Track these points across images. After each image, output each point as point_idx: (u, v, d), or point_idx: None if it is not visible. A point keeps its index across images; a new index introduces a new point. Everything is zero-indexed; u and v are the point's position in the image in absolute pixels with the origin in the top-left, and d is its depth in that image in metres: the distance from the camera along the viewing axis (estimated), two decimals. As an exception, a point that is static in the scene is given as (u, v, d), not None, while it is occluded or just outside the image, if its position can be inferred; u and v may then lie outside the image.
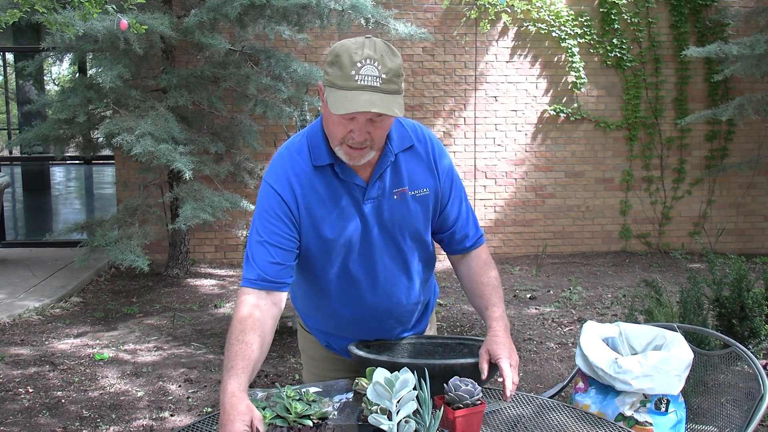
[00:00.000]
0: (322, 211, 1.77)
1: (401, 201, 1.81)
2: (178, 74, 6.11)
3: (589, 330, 2.23)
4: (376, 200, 1.79)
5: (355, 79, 1.59)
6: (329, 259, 1.82)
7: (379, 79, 1.60)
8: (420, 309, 2.02)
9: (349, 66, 1.59)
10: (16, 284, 6.26)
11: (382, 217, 1.81)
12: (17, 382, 4.10)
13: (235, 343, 1.63)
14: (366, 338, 1.96)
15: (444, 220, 1.91)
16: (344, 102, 1.59)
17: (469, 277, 1.94)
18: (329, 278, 1.85)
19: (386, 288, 1.88)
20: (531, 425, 1.71)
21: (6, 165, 10.17)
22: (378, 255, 1.84)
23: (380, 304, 1.89)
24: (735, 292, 3.58)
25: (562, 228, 7.87)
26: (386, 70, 1.60)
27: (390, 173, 1.80)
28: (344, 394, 1.78)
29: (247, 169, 6.82)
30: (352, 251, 1.82)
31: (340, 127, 1.66)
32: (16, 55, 10.09)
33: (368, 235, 1.81)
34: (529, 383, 4.11)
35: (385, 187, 1.79)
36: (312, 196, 1.76)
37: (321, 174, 1.77)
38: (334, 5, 5.86)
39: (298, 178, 1.76)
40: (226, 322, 5.33)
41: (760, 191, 8.03)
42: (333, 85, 1.62)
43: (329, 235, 1.78)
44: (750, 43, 6.32)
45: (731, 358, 2.24)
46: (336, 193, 1.77)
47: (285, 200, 1.75)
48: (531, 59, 7.66)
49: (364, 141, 1.66)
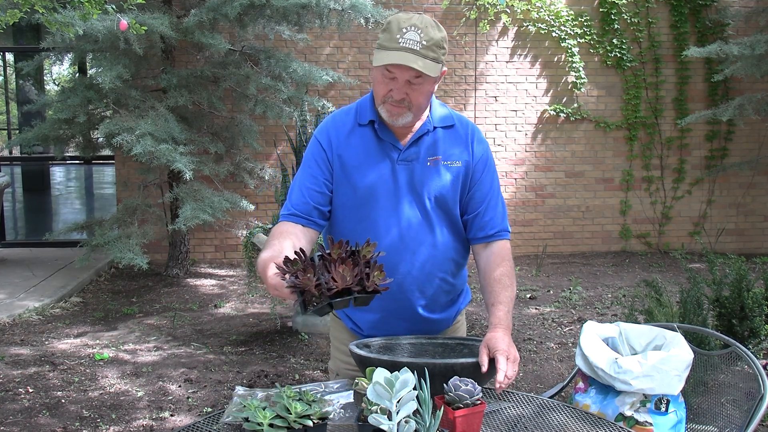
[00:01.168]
0: (355, 161, 1.93)
1: (434, 167, 1.93)
2: (178, 74, 6.11)
3: (589, 330, 2.23)
4: (410, 163, 1.92)
5: (398, 42, 1.78)
6: (358, 211, 1.94)
7: (419, 44, 1.78)
8: (447, 291, 2.03)
9: (396, 30, 1.79)
10: (16, 284, 6.26)
11: (413, 179, 1.92)
12: (17, 382, 4.10)
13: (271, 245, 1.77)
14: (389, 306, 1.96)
15: (471, 199, 1.97)
16: (383, 57, 1.79)
17: (485, 270, 1.97)
18: (358, 232, 1.92)
19: (411, 247, 1.93)
20: (531, 425, 1.71)
21: (6, 165, 10.17)
22: (405, 214, 1.92)
23: (404, 264, 1.93)
24: (735, 292, 3.58)
25: (562, 228, 7.87)
26: (428, 38, 1.79)
27: (427, 142, 1.93)
28: (344, 394, 1.78)
29: (247, 169, 6.82)
30: (381, 206, 1.92)
31: (382, 85, 1.84)
32: (16, 55, 10.09)
33: (398, 193, 1.92)
34: (529, 383, 4.11)
35: (420, 152, 1.93)
36: (349, 148, 1.94)
37: (363, 131, 1.95)
38: (334, 5, 5.86)
39: (337, 132, 1.96)
40: (226, 322, 5.34)
41: (760, 191, 8.03)
42: (380, 47, 1.82)
43: (360, 185, 1.92)
44: (750, 43, 6.33)
45: (731, 358, 2.24)
46: (373, 149, 1.93)
47: (323, 147, 1.95)
48: (531, 59, 7.66)
49: (402, 100, 1.83)
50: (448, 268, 2.00)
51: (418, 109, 1.87)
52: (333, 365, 2.21)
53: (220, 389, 4.01)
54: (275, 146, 7.26)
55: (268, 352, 4.67)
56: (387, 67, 1.80)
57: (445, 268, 2.00)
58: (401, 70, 1.79)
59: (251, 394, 1.71)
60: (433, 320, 2.03)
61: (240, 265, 7.17)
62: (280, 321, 5.19)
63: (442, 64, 1.84)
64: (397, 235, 1.92)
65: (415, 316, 2.00)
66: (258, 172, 6.86)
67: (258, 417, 1.53)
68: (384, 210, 1.92)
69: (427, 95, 1.86)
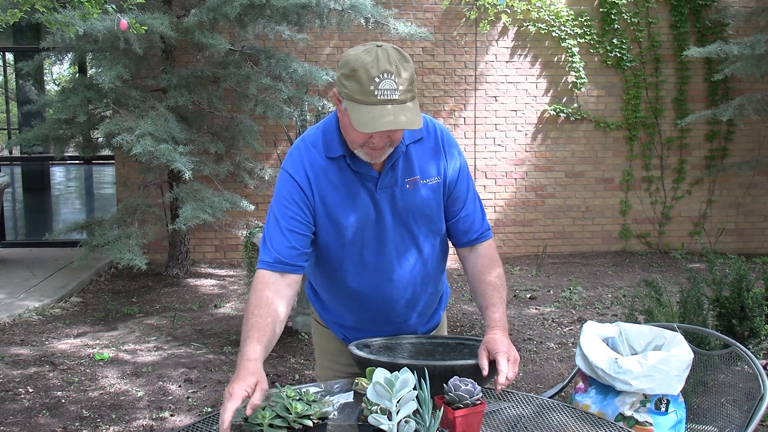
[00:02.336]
0: (336, 198, 1.84)
1: (414, 189, 1.87)
2: (178, 74, 6.11)
3: (589, 330, 2.23)
4: (389, 189, 1.86)
5: (375, 95, 1.65)
6: (345, 248, 1.88)
7: (397, 91, 1.67)
8: (435, 299, 2.06)
9: (368, 82, 1.66)
10: (16, 284, 6.26)
11: (395, 206, 1.87)
12: (17, 382, 4.10)
13: (251, 317, 1.72)
14: (384, 329, 1.98)
15: (450, 205, 1.94)
16: (368, 121, 1.66)
17: (474, 274, 1.95)
18: (346, 268, 1.91)
19: (401, 274, 1.92)
20: (531, 425, 1.71)
21: (6, 165, 10.17)
22: (392, 242, 1.89)
23: (396, 290, 1.93)
24: (735, 292, 3.58)
25: (562, 228, 7.87)
26: (402, 81, 1.68)
27: (401, 163, 1.86)
28: (344, 394, 1.78)
29: (247, 169, 6.82)
30: (368, 239, 1.88)
31: (359, 135, 1.72)
32: (16, 55, 10.09)
33: (382, 223, 1.87)
34: (529, 383, 4.11)
35: (397, 177, 1.86)
36: (326, 185, 1.84)
37: (334, 164, 1.84)
38: (334, 5, 5.86)
39: (312, 168, 1.84)
40: (226, 322, 5.34)
41: (760, 191, 8.03)
42: (353, 99, 1.68)
43: (344, 223, 1.85)
44: (750, 43, 6.32)
45: (731, 358, 2.24)
46: (350, 182, 1.84)
47: (301, 187, 1.82)
48: (531, 59, 7.66)
49: (385, 144, 1.75)
50: (436, 279, 2.03)
51: (398, 142, 1.79)
52: (320, 373, 2.21)
53: (220, 389, 4.01)
54: (275, 146, 7.26)
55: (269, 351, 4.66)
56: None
57: (434, 281, 2.02)
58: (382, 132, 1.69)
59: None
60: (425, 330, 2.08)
61: (240, 265, 7.17)
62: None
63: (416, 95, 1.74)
64: (388, 265, 1.91)
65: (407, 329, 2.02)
66: (258, 172, 6.86)
67: (258, 417, 1.53)
68: (371, 241, 1.88)
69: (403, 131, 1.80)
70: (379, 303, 1.95)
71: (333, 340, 2.12)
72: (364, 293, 1.93)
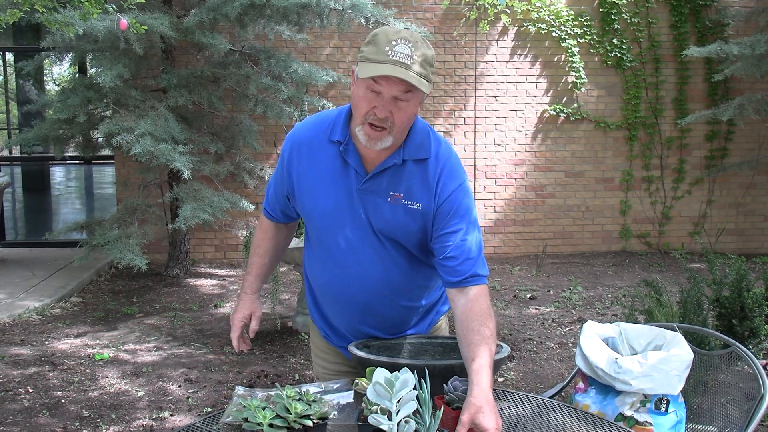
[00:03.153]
0: (316, 181, 1.85)
1: (393, 204, 1.80)
2: (178, 74, 6.11)
3: (589, 330, 2.23)
4: (369, 194, 1.81)
5: (388, 54, 1.65)
6: (318, 231, 1.91)
7: (411, 58, 1.65)
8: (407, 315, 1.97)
9: (384, 43, 1.66)
10: (16, 284, 6.26)
11: (368, 212, 1.82)
12: (17, 382, 4.10)
13: (252, 255, 2.11)
14: (350, 330, 1.97)
15: (437, 242, 1.81)
16: (371, 69, 1.66)
17: (461, 321, 1.75)
18: (320, 251, 1.94)
19: (363, 276, 1.87)
20: (531, 425, 1.71)
21: (6, 165, 10.17)
22: (359, 243, 1.85)
23: (360, 291, 1.89)
24: (735, 292, 3.58)
25: (562, 228, 7.87)
26: (419, 53, 1.67)
27: (391, 175, 1.80)
28: (344, 394, 1.78)
29: (247, 169, 6.82)
30: (336, 232, 1.86)
31: (364, 101, 1.70)
32: (16, 55, 10.09)
33: (353, 222, 1.84)
34: (529, 383, 4.11)
35: (381, 186, 1.80)
36: (310, 164, 1.86)
37: (330, 149, 1.84)
38: (334, 5, 5.86)
39: (300, 145, 1.89)
40: (226, 322, 5.34)
41: (760, 191, 8.03)
42: (366, 59, 1.68)
43: (318, 207, 1.87)
44: (750, 43, 6.32)
45: (731, 358, 2.24)
46: (337, 171, 1.83)
47: (285, 160, 1.92)
48: (531, 59, 7.66)
49: (385, 119, 1.69)
50: (412, 294, 1.94)
51: (399, 132, 1.73)
52: (314, 371, 2.23)
53: (220, 389, 4.01)
54: (275, 146, 7.26)
55: (268, 352, 4.67)
56: (375, 79, 1.66)
57: (408, 296, 1.93)
58: (390, 84, 1.66)
59: (251, 394, 1.71)
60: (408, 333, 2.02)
61: (240, 265, 7.17)
62: (280, 321, 5.19)
63: (431, 84, 1.73)
64: (349, 261, 1.86)
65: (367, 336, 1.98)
66: (258, 172, 6.86)
67: (258, 417, 1.53)
68: (339, 235, 1.85)
69: (410, 117, 1.74)
70: (339, 298, 1.94)
71: (318, 337, 2.15)
72: (330, 283, 1.95)
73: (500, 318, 5.40)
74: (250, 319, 2.04)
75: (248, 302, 2.06)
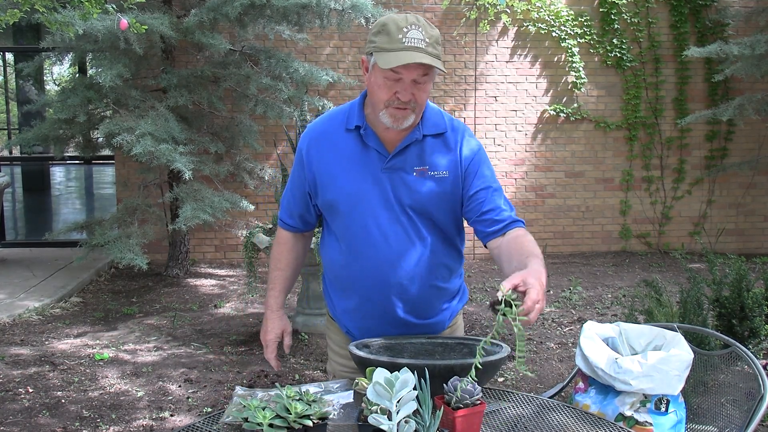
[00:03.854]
0: (337, 169, 1.91)
1: (419, 177, 1.88)
2: (178, 74, 6.11)
3: (589, 330, 2.23)
4: (395, 172, 1.88)
5: (402, 42, 1.75)
6: (344, 217, 1.93)
7: (424, 41, 1.76)
8: (436, 297, 1.99)
9: (396, 31, 1.76)
10: (16, 284, 6.26)
11: (396, 189, 1.88)
12: (17, 382, 4.10)
13: (273, 269, 2.12)
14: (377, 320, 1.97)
15: (471, 202, 1.89)
16: (391, 59, 1.74)
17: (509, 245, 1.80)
18: (346, 238, 1.94)
19: (394, 255, 1.90)
20: (531, 425, 1.71)
21: (6, 165, 10.17)
22: (388, 222, 1.89)
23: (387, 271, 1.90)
24: (735, 292, 3.58)
25: (562, 228, 7.87)
26: (429, 36, 1.77)
27: (414, 151, 1.89)
28: (344, 394, 1.78)
29: (247, 169, 6.82)
30: (364, 214, 1.89)
31: (385, 89, 1.79)
32: (16, 55, 10.09)
33: (381, 202, 1.89)
34: (529, 383, 4.11)
35: (406, 162, 1.88)
36: (331, 152, 1.92)
37: (349, 136, 1.92)
38: (335, 5, 5.86)
39: (318, 136, 1.96)
40: (226, 322, 5.34)
41: (760, 191, 8.03)
42: (381, 50, 1.77)
43: (343, 193, 1.90)
44: (750, 43, 6.32)
45: (731, 358, 2.24)
46: (358, 156, 1.90)
47: (303, 158, 1.97)
48: (531, 59, 7.67)
49: (408, 102, 1.79)
50: (439, 273, 1.97)
51: (420, 109, 1.84)
52: (330, 367, 2.23)
53: (220, 389, 4.01)
54: (275, 146, 7.26)
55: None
56: (394, 69, 1.75)
57: (436, 274, 1.96)
58: (409, 70, 1.75)
59: (251, 394, 1.71)
60: (421, 325, 2.00)
61: (240, 265, 7.17)
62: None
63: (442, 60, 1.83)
64: (385, 244, 1.89)
65: (399, 322, 1.97)
66: (258, 172, 6.86)
67: (258, 417, 1.53)
68: (367, 218, 1.89)
69: (428, 94, 1.86)
70: (368, 282, 1.93)
71: (339, 333, 2.15)
72: (362, 269, 1.94)
73: (500, 318, 5.40)
74: (282, 336, 2.09)
75: (276, 320, 2.10)
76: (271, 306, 2.10)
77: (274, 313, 2.10)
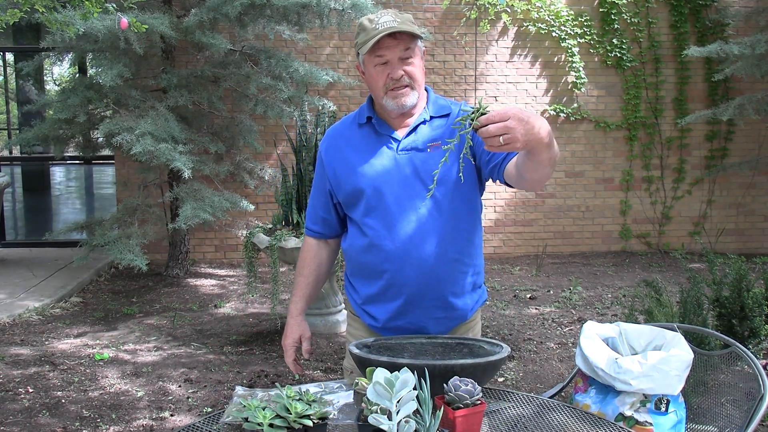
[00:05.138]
0: (356, 159, 2.02)
1: (434, 152, 1.97)
2: (178, 74, 6.11)
3: (589, 330, 2.23)
4: (410, 151, 1.98)
5: (376, 28, 1.88)
6: (369, 205, 1.99)
7: (395, 21, 1.89)
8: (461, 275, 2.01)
9: (369, 24, 1.91)
10: (16, 284, 6.26)
11: (416, 167, 1.96)
12: (17, 382, 4.10)
13: (297, 275, 2.19)
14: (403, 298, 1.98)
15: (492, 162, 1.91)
16: (368, 44, 1.88)
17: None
18: (372, 224, 1.99)
19: (424, 232, 1.95)
20: (531, 425, 1.71)
21: (6, 165, 10.17)
22: (414, 201, 1.96)
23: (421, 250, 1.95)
24: (735, 292, 3.58)
25: (562, 228, 7.87)
26: (399, 17, 1.91)
27: (424, 131, 2.00)
28: (344, 394, 1.78)
29: (247, 169, 6.82)
30: (389, 197, 1.97)
31: (377, 76, 1.93)
32: (16, 55, 10.09)
33: (403, 182, 1.97)
34: (529, 383, 4.11)
35: (418, 141, 1.99)
36: (348, 147, 2.04)
37: (362, 131, 2.05)
38: (334, 5, 5.86)
39: (340, 133, 2.09)
40: (226, 322, 5.34)
41: (760, 191, 8.03)
42: (362, 44, 1.91)
43: (364, 181, 1.99)
44: (750, 43, 6.32)
45: (731, 358, 2.24)
46: (373, 145, 2.02)
47: (323, 161, 2.09)
48: (531, 59, 7.66)
49: (402, 77, 1.92)
50: (461, 244, 2.00)
51: (419, 85, 1.96)
52: (347, 363, 2.22)
53: (220, 389, 4.01)
54: (275, 146, 7.26)
55: (268, 352, 4.66)
56: (376, 54, 1.89)
57: (459, 245, 1.99)
58: (391, 50, 1.89)
59: (251, 394, 1.71)
60: (456, 307, 2.03)
61: (240, 265, 7.17)
62: (280, 321, 5.19)
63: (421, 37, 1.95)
64: (409, 222, 1.95)
65: (439, 302, 1.99)
66: (258, 172, 6.86)
67: (258, 417, 1.53)
68: (393, 200, 1.96)
69: (421, 69, 1.96)
70: (393, 260, 1.96)
71: (360, 328, 2.16)
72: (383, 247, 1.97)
73: (500, 318, 5.40)
74: (300, 341, 2.15)
75: (295, 326, 2.16)
76: (291, 312, 2.17)
77: (294, 318, 2.16)
